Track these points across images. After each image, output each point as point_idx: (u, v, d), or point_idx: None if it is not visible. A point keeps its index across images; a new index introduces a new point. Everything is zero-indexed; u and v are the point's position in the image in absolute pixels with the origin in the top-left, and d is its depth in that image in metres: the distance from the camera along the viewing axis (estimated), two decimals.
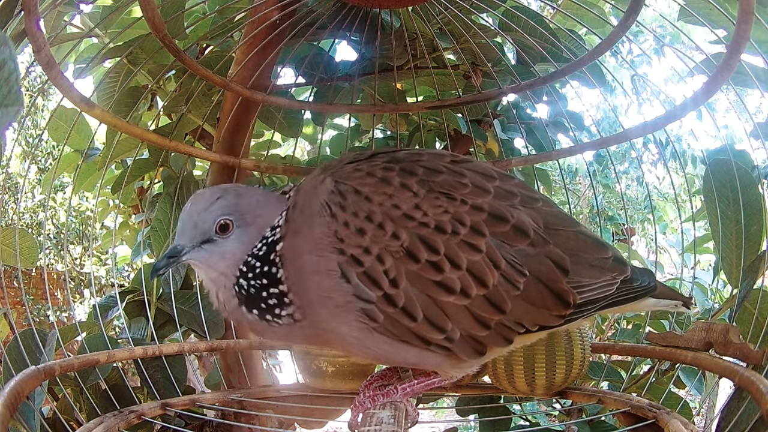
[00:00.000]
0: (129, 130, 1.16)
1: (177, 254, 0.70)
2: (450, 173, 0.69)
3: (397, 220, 0.65)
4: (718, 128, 2.19)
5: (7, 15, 0.84)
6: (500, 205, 0.68)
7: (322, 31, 1.30)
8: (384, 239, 0.64)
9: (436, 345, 0.66)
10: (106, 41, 1.39)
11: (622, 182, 4.38)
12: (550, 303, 0.68)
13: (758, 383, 0.74)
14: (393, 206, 0.65)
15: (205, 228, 0.69)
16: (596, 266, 0.71)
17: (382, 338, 0.66)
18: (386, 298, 0.64)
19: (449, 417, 1.94)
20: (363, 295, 0.64)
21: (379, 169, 0.69)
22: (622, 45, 1.96)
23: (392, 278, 0.64)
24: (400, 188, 0.67)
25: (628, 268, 0.73)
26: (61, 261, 4.64)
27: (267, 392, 1.18)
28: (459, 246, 0.65)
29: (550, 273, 0.68)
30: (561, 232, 0.71)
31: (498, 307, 0.66)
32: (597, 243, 0.73)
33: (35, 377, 0.82)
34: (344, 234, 0.65)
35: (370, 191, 0.66)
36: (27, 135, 4.59)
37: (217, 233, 0.69)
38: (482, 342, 0.67)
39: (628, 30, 1.01)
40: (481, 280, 0.65)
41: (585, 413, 1.17)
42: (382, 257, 0.64)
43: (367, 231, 0.64)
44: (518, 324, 0.67)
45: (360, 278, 0.64)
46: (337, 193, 0.67)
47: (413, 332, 0.65)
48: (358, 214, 0.65)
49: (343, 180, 0.68)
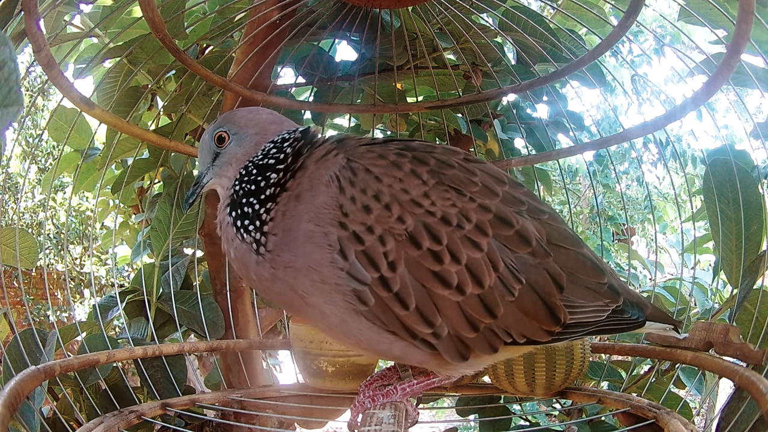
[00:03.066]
0: (129, 130, 1.16)
1: (199, 179, 0.77)
2: (461, 170, 0.69)
3: (405, 204, 0.65)
4: (718, 128, 2.19)
5: (7, 15, 0.84)
6: (507, 210, 0.68)
7: (322, 31, 1.30)
8: (389, 221, 0.64)
9: (422, 340, 0.66)
10: (106, 41, 1.39)
11: (622, 182, 4.38)
12: (541, 316, 0.67)
13: (758, 383, 0.74)
14: (402, 190, 0.65)
15: (209, 147, 0.76)
16: (591, 289, 0.71)
17: (368, 324, 0.66)
18: (381, 281, 0.63)
19: (449, 417, 1.94)
20: (358, 276, 0.64)
21: (392, 153, 0.69)
22: (622, 45, 1.96)
23: (391, 261, 0.63)
24: (410, 174, 0.67)
25: (621, 298, 0.72)
26: (61, 261, 4.64)
27: (267, 392, 1.18)
28: (462, 241, 0.65)
29: (546, 285, 0.67)
30: (562, 249, 0.70)
31: (490, 309, 0.65)
32: (595, 267, 0.72)
33: (35, 377, 0.82)
34: (349, 209, 0.64)
35: (380, 172, 0.66)
36: (27, 135, 4.59)
37: (217, 146, 0.75)
38: (468, 345, 0.66)
39: (628, 30, 1.01)
40: (478, 278, 0.65)
41: (585, 413, 1.17)
42: (384, 239, 0.64)
43: (373, 210, 0.64)
44: (506, 333, 0.67)
45: (358, 256, 0.63)
46: (348, 168, 0.67)
47: (402, 322, 0.65)
48: (366, 191, 0.65)
49: (355, 158, 0.68)
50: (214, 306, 1.34)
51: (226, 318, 1.33)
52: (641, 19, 1.00)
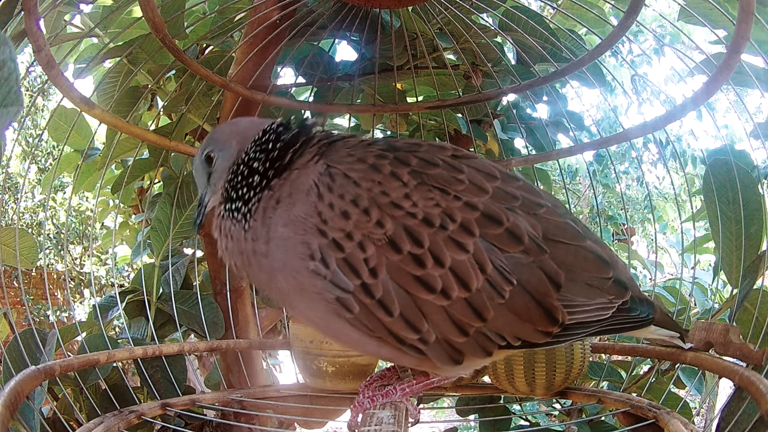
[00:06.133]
0: (129, 130, 1.16)
1: (201, 201, 0.79)
2: (446, 168, 0.67)
3: (384, 207, 0.63)
4: (718, 128, 2.19)
5: (7, 15, 0.84)
6: (496, 207, 0.65)
7: (322, 31, 1.30)
8: (368, 225, 0.62)
9: (410, 346, 0.64)
10: (106, 41, 1.39)
11: (622, 182, 4.38)
12: (535, 317, 0.64)
13: (758, 383, 0.74)
14: (381, 193, 0.63)
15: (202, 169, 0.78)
16: (593, 286, 0.67)
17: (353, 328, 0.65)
18: (364, 288, 0.62)
19: (449, 417, 1.94)
20: (340, 284, 0.62)
21: (372, 156, 0.67)
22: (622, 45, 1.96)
23: (372, 267, 0.62)
24: (389, 176, 0.65)
25: (628, 293, 0.69)
26: (61, 261, 4.64)
27: (267, 392, 1.18)
28: (445, 242, 0.62)
29: (540, 285, 0.64)
30: (560, 244, 0.67)
31: (479, 313, 0.63)
32: (599, 260, 0.68)
33: (35, 377, 0.82)
34: (328, 216, 0.63)
35: (358, 176, 0.65)
36: (27, 135, 4.59)
37: (208, 167, 0.77)
38: (459, 349, 0.64)
39: (628, 30, 1.01)
40: (464, 281, 0.62)
41: (585, 413, 1.17)
42: (364, 244, 0.62)
43: (352, 215, 0.62)
44: (499, 336, 0.64)
45: (339, 264, 0.62)
46: (327, 174, 0.66)
47: (388, 329, 0.63)
48: (344, 196, 0.63)
49: (334, 164, 0.67)
50: (214, 306, 1.34)
51: (226, 318, 1.33)
52: (641, 19, 1.00)
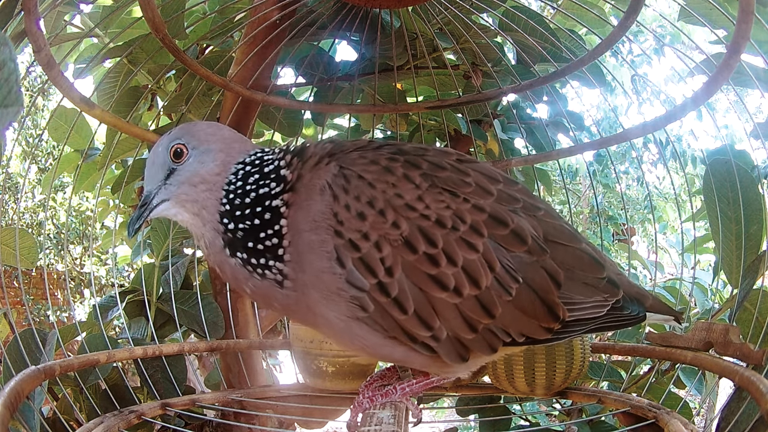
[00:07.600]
0: (129, 130, 1.16)
1: (147, 200, 0.69)
2: (454, 171, 0.69)
3: (399, 209, 0.65)
4: (718, 128, 2.19)
5: (7, 15, 0.84)
6: (502, 209, 0.68)
7: (322, 31, 1.30)
8: (384, 226, 0.64)
9: (422, 344, 0.66)
10: (106, 41, 1.39)
11: (622, 182, 4.38)
12: (539, 314, 0.68)
13: (758, 383, 0.74)
14: (396, 195, 0.65)
15: (162, 161, 0.68)
16: (589, 285, 0.71)
17: (370, 330, 0.66)
18: (380, 287, 0.63)
19: (449, 417, 1.94)
20: (356, 283, 0.64)
21: (384, 158, 0.68)
22: (622, 45, 1.96)
23: (388, 266, 0.63)
24: (403, 179, 0.66)
25: (620, 291, 0.73)
26: (61, 261, 4.64)
27: (267, 392, 1.18)
28: (457, 242, 0.65)
29: (543, 283, 0.68)
30: (559, 245, 0.71)
31: (488, 310, 0.65)
32: (593, 261, 0.72)
33: (35, 377, 0.82)
34: (344, 217, 0.64)
35: (373, 178, 0.66)
36: (27, 135, 4.59)
37: (174, 162, 0.68)
38: (467, 346, 0.67)
39: (628, 30, 1.01)
40: (475, 280, 0.65)
41: (585, 413, 1.17)
42: (380, 244, 0.63)
43: (368, 216, 0.64)
44: (505, 332, 0.67)
45: (355, 264, 0.63)
46: (341, 176, 0.66)
47: (401, 327, 0.65)
48: (360, 198, 0.65)
49: (347, 165, 0.68)
50: (214, 306, 1.34)
51: (226, 318, 1.33)
52: (641, 19, 1.00)
